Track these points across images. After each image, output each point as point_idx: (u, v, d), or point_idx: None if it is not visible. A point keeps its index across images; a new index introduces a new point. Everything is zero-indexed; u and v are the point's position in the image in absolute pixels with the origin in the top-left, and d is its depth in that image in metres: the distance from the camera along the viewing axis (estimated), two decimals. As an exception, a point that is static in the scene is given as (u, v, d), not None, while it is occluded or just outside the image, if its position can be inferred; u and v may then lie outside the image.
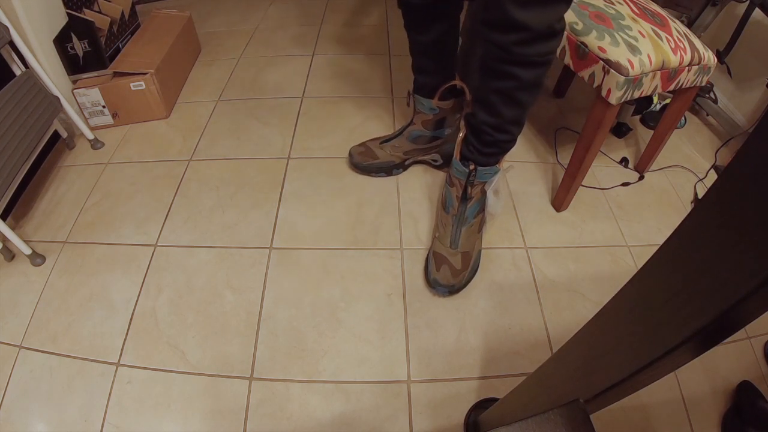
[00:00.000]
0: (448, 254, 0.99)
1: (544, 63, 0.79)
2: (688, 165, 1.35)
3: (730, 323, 0.28)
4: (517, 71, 0.79)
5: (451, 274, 0.97)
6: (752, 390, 0.87)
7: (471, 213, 1.00)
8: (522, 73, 0.79)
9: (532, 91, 0.85)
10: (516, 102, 0.85)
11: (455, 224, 1.00)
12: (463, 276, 0.98)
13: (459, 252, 0.99)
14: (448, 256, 0.99)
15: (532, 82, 0.82)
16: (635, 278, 0.36)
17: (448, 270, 0.97)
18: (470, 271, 0.99)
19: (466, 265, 0.98)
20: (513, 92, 0.83)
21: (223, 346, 0.90)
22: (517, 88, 0.82)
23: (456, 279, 0.97)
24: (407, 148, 1.19)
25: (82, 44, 1.30)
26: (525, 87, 0.82)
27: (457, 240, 1.00)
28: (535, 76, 0.81)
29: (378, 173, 1.22)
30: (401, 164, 1.22)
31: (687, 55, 0.93)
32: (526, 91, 0.84)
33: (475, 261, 1.02)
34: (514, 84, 0.81)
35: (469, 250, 1.00)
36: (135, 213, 1.15)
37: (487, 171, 0.95)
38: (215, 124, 1.40)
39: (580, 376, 0.46)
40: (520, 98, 0.84)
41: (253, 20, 1.93)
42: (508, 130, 0.90)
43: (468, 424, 0.81)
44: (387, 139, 1.21)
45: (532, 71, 0.79)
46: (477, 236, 1.02)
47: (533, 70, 0.79)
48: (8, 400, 0.84)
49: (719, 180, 0.27)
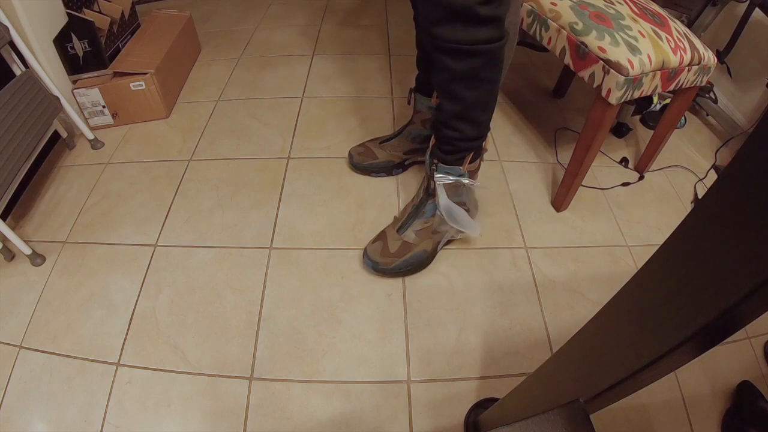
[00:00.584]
0: (390, 236, 0.99)
1: (474, 53, 0.73)
2: (688, 165, 1.35)
3: (730, 323, 0.28)
4: (446, 60, 0.75)
5: (380, 252, 0.97)
6: (752, 390, 0.87)
7: (429, 210, 0.97)
8: (450, 63, 0.75)
9: (471, 85, 0.79)
10: (452, 96, 0.80)
11: (411, 213, 1.00)
12: (391, 261, 0.97)
13: (401, 239, 0.98)
14: (389, 236, 0.99)
15: (465, 73, 0.76)
16: (635, 278, 0.36)
17: (380, 247, 0.98)
18: (403, 262, 0.97)
19: (400, 254, 0.97)
20: (447, 84, 0.79)
21: (223, 346, 0.90)
22: (449, 80, 0.78)
23: (382, 259, 0.97)
24: (407, 147, 1.19)
25: (82, 44, 1.30)
26: (457, 79, 0.77)
27: (405, 227, 0.99)
28: (465, 68, 0.75)
29: (378, 173, 1.22)
30: (401, 164, 1.21)
31: (687, 55, 0.93)
32: (461, 84, 0.78)
33: (414, 258, 0.98)
34: (447, 75, 0.77)
35: (412, 243, 0.98)
36: (135, 213, 1.15)
37: (448, 170, 0.91)
38: (215, 124, 1.40)
39: (580, 376, 0.46)
40: (456, 92, 0.79)
41: (253, 20, 1.93)
42: (453, 127, 0.85)
43: (468, 424, 0.81)
44: (387, 138, 1.21)
45: (459, 61, 0.74)
46: (429, 237, 0.99)
47: (461, 60, 0.74)
48: (8, 400, 0.84)
49: (719, 180, 0.27)
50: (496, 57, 0.76)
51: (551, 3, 1.01)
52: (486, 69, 0.77)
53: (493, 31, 0.72)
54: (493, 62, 0.77)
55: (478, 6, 0.67)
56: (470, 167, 0.92)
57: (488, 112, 0.87)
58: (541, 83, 1.61)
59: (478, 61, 0.75)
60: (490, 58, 0.76)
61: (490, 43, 0.73)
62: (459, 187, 0.93)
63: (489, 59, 0.75)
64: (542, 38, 1.05)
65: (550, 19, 1.01)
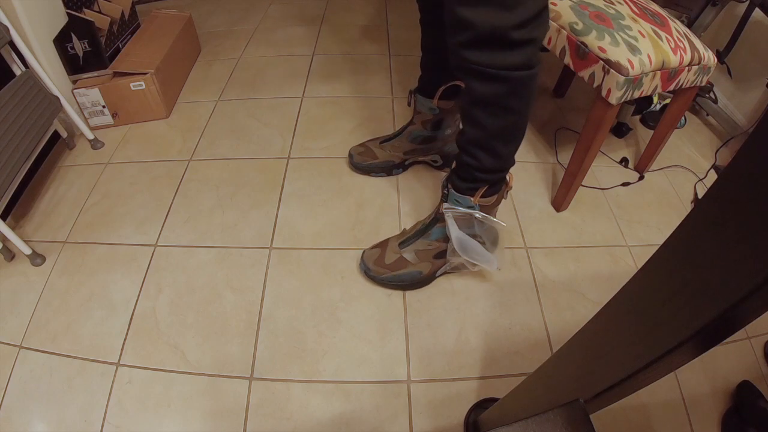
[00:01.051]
0: (390, 248, 0.97)
1: (502, 78, 0.68)
2: (688, 165, 1.35)
3: (730, 323, 0.28)
4: (470, 81, 0.71)
5: (374, 260, 0.96)
6: (752, 390, 0.87)
7: (435, 233, 0.94)
8: (475, 85, 0.71)
9: (494, 112, 0.74)
10: (473, 120, 0.77)
11: (417, 231, 0.97)
12: (382, 272, 0.95)
13: (399, 253, 0.96)
14: (389, 248, 0.97)
15: (489, 99, 0.72)
16: (635, 278, 0.36)
17: (377, 254, 0.97)
18: (393, 276, 0.95)
19: (393, 268, 0.95)
20: (469, 108, 0.76)
21: (223, 346, 0.90)
22: (472, 104, 0.75)
23: (375, 267, 0.96)
24: (407, 148, 1.18)
25: (82, 44, 1.30)
26: (480, 104, 0.73)
27: (407, 243, 0.96)
28: (490, 93, 0.71)
29: (378, 173, 1.22)
30: (401, 164, 1.21)
31: (687, 55, 0.93)
32: (484, 110, 0.74)
33: (407, 276, 0.95)
34: (470, 98, 0.74)
35: (408, 261, 0.95)
36: (135, 213, 1.15)
37: (458, 198, 0.87)
38: (215, 124, 1.40)
39: (580, 376, 0.46)
40: (477, 117, 0.76)
41: (253, 20, 1.93)
42: (470, 153, 0.81)
43: (468, 424, 0.81)
44: (387, 138, 1.21)
45: (485, 85, 0.70)
46: (429, 261, 0.95)
47: (487, 84, 0.69)
48: (8, 400, 0.84)
49: (719, 180, 0.27)
50: (526, 86, 0.72)
51: (551, 3, 1.01)
52: (512, 97, 0.72)
53: (526, 57, 0.67)
54: (521, 91, 0.72)
55: (512, 30, 0.62)
56: (483, 201, 0.86)
57: (511, 145, 0.82)
58: (541, 83, 1.61)
59: (504, 87, 0.70)
60: (518, 86, 0.71)
61: (521, 69, 0.68)
62: (470, 220, 0.88)
63: (517, 87, 0.71)
64: (542, 38, 1.05)
65: (550, 19, 1.01)
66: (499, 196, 0.90)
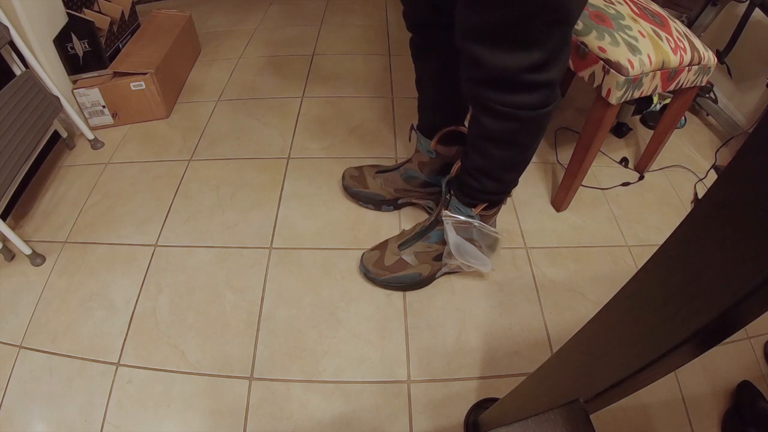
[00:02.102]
0: (390, 249, 0.97)
1: (514, 117, 0.66)
2: (688, 165, 1.35)
3: (730, 323, 0.28)
4: (481, 116, 0.70)
5: (374, 261, 0.96)
6: (752, 390, 0.87)
7: (434, 236, 0.93)
8: (486, 121, 0.69)
9: (503, 146, 0.73)
10: (480, 151, 0.76)
11: (417, 233, 0.96)
12: (382, 274, 0.95)
13: (399, 255, 0.95)
14: (388, 249, 0.97)
15: (499, 135, 0.71)
16: (635, 278, 0.36)
17: (377, 256, 0.97)
18: (393, 278, 0.95)
19: (393, 270, 0.95)
20: (477, 139, 0.75)
21: (223, 346, 0.90)
22: (481, 137, 0.74)
23: (374, 269, 0.96)
24: (399, 186, 1.09)
25: (82, 44, 1.30)
26: (489, 138, 0.73)
27: (407, 245, 0.95)
28: (501, 129, 0.69)
29: (366, 204, 1.14)
30: (392, 201, 1.12)
31: (687, 55, 0.93)
32: (493, 143, 0.73)
33: (406, 278, 0.95)
34: (480, 131, 0.73)
35: (408, 263, 0.95)
36: (135, 213, 1.15)
37: (459, 206, 0.87)
38: (215, 124, 1.40)
39: (580, 376, 0.46)
40: (485, 149, 0.75)
41: (253, 20, 1.93)
42: (475, 177, 0.81)
43: (468, 424, 0.81)
44: (383, 170, 1.13)
45: (496, 122, 0.68)
46: (429, 262, 0.95)
47: (498, 121, 0.68)
48: (8, 400, 0.84)
49: (719, 180, 0.27)
50: (539, 124, 0.70)
51: (551, 3, 1.01)
52: (524, 134, 0.71)
53: (542, 98, 0.64)
54: (533, 128, 0.71)
55: (525, 73, 0.60)
56: (483, 213, 0.87)
57: (515, 172, 0.82)
58: (541, 83, 1.61)
59: (517, 125, 0.68)
60: (532, 125, 0.69)
61: (535, 109, 0.66)
62: (469, 228, 0.88)
63: (530, 125, 0.69)
64: (542, 38, 1.05)
65: (550, 19, 1.00)
66: (498, 208, 0.90)
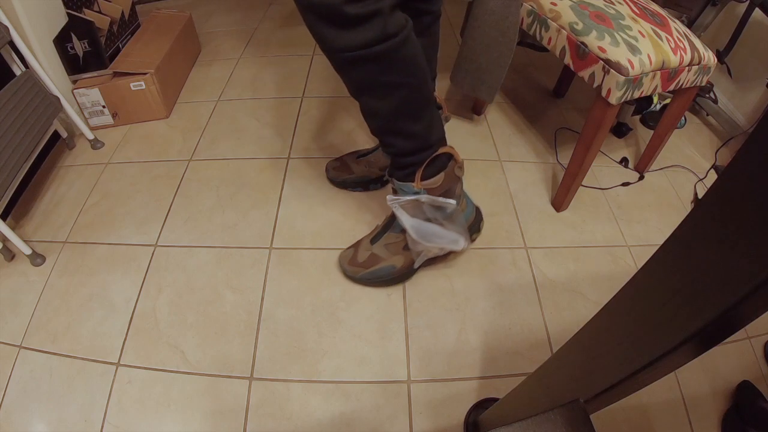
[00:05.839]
0: (363, 245, 0.98)
1: (361, 59, 0.64)
2: (688, 165, 1.35)
3: (730, 323, 0.28)
4: (341, 72, 0.69)
5: (348, 259, 0.98)
6: (752, 390, 0.87)
7: (398, 225, 0.92)
8: (342, 74, 0.69)
9: (377, 94, 0.70)
10: (365, 109, 0.75)
11: (384, 225, 0.98)
12: (358, 271, 0.96)
13: (371, 250, 0.97)
14: (361, 245, 0.98)
15: (362, 83, 0.69)
16: (635, 278, 0.36)
17: (350, 254, 0.98)
18: (368, 273, 0.96)
19: (366, 266, 0.96)
20: (355, 96, 0.74)
21: (223, 346, 0.90)
22: (353, 92, 0.73)
23: (350, 267, 0.97)
24: (383, 163, 1.13)
25: (82, 44, 1.30)
26: (358, 89, 0.71)
27: (377, 239, 0.97)
28: (359, 77, 0.68)
29: (354, 188, 1.18)
30: (378, 179, 1.17)
31: (687, 55, 0.93)
32: (366, 95, 0.72)
33: (382, 272, 0.95)
34: (348, 87, 0.72)
35: (380, 256, 0.95)
36: (135, 213, 1.15)
37: (402, 186, 0.84)
38: (215, 124, 1.40)
39: (580, 376, 0.46)
40: (367, 104, 0.74)
41: (253, 20, 1.93)
42: (384, 141, 0.80)
43: (468, 424, 0.81)
44: (364, 153, 1.17)
45: (350, 71, 0.67)
46: (400, 253, 0.94)
47: (350, 68, 0.67)
48: (8, 400, 0.84)
49: (719, 180, 0.27)
50: (394, 58, 0.65)
51: (551, 3, 1.01)
52: (387, 74, 0.67)
53: (371, 32, 0.61)
54: (392, 65, 0.66)
55: (345, 5, 0.58)
56: (427, 184, 0.82)
57: (420, 121, 0.75)
58: (541, 83, 1.61)
59: (372, 66, 0.65)
60: (385, 62, 0.65)
61: (372, 46, 0.63)
62: (419, 206, 0.84)
63: (386, 63, 0.65)
64: (542, 38, 1.05)
65: (550, 19, 1.01)
66: (446, 177, 0.83)
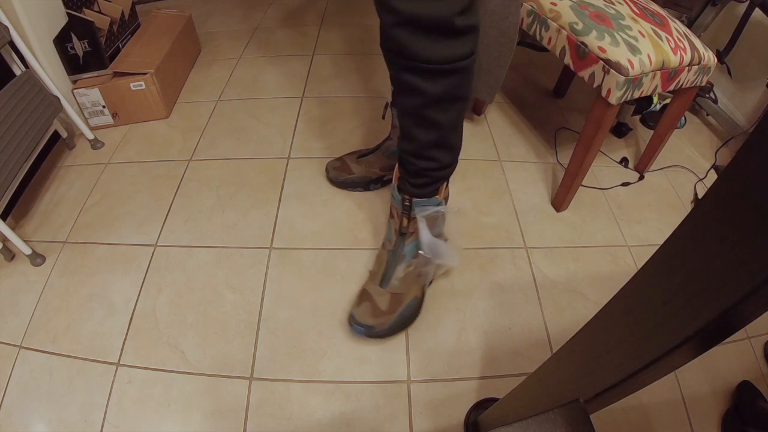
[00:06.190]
0: (374, 292, 0.88)
1: (452, 72, 0.65)
2: (688, 165, 1.35)
3: (730, 323, 0.28)
4: (418, 82, 0.66)
5: (370, 313, 0.86)
6: (752, 390, 0.87)
7: (409, 251, 0.88)
8: (425, 86, 0.66)
9: (446, 109, 0.70)
10: (427, 122, 0.72)
11: (390, 261, 0.89)
12: (387, 319, 0.86)
13: (388, 292, 0.88)
14: (373, 294, 0.88)
15: (441, 96, 0.68)
16: (635, 278, 0.36)
17: (369, 308, 0.86)
18: (398, 317, 0.87)
19: (393, 309, 0.87)
20: (420, 110, 0.70)
21: (223, 346, 0.90)
22: (423, 106, 0.69)
23: (376, 320, 0.86)
24: (384, 163, 1.13)
25: (82, 44, 1.30)
26: (432, 103, 0.69)
27: (388, 278, 0.88)
28: (442, 90, 0.67)
29: (355, 188, 1.17)
30: (379, 179, 1.16)
31: (687, 55, 0.93)
32: (437, 109, 0.70)
33: (409, 309, 0.89)
34: (421, 100, 0.68)
35: (401, 293, 0.88)
36: (135, 213, 1.15)
37: (424, 203, 0.82)
38: (215, 124, 1.40)
39: (580, 376, 0.46)
40: (432, 117, 0.71)
41: (253, 20, 1.93)
42: (429, 157, 0.76)
43: (468, 424, 0.81)
44: (364, 153, 1.16)
45: (435, 83, 0.66)
46: (416, 281, 0.90)
47: (436, 81, 0.66)
48: (8, 400, 0.84)
49: (719, 180, 0.27)
50: (472, 72, 0.69)
51: (551, 3, 1.01)
52: (462, 87, 0.69)
53: (471, 45, 0.64)
54: (469, 78, 0.69)
55: (457, 17, 0.59)
56: (445, 193, 0.84)
57: (461, 133, 0.79)
58: (541, 83, 1.61)
59: (455, 79, 0.67)
60: (467, 75, 0.68)
61: (467, 58, 0.65)
62: (437, 219, 0.84)
63: (465, 76, 0.68)
64: (542, 38, 1.05)
65: (550, 19, 1.01)
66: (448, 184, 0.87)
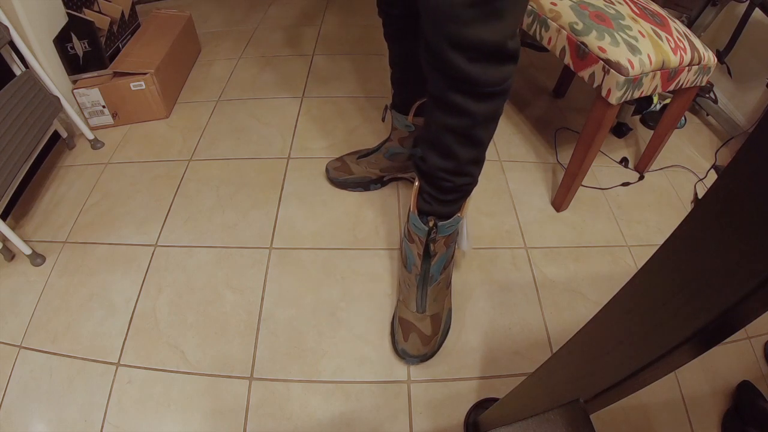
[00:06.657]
0: (415, 320, 0.88)
1: (501, 93, 0.67)
2: (688, 165, 1.35)
3: (730, 323, 0.28)
4: (470, 104, 0.67)
5: (421, 342, 0.87)
6: (752, 390, 0.87)
7: (437, 270, 0.89)
8: (475, 107, 0.67)
9: (490, 127, 0.73)
10: (472, 141, 0.73)
11: (420, 285, 0.89)
12: (435, 341, 0.88)
13: (428, 316, 0.88)
14: (415, 322, 0.88)
15: (488, 116, 0.70)
16: (635, 278, 0.36)
17: (418, 338, 0.87)
18: (442, 334, 0.90)
19: (437, 329, 0.89)
20: (468, 130, 0.71)
21: (223, 346, 0.90)
22: (472, 126, 0.70)
23: (428, 347, 0.87)
24: (384, 165, 1.13)
25: (82, 44, 1.30)
26: (480, 122, 0.70)
27: (423, 303, 0.89)
28: (490, 110, 0.69)
29: (355, 188, 1.18)
30: (379, 180, 1.17)
31: (687, 55, 0.93)
32: (483, 128, 0.72)
33: (446, 321, 0.92)
34: (469, 121, 0.69)
35: (438, 312, 0.89)
36: (135, 213, 1.15)
37: (449, 224, 0.84)
38: (215, 124, 1.40)
39: (580, 376, 0.46)
40: (478, 136, 0.73)
41: (253, 20, 1.93)
42: (467, 173, 0.79)
43: (468, 424, 0.81)
44: (364, 154, 1.17)
45: (484, 104, 0.68)
46: (446, 293, 0.92)
47: (486, 102, 0.68)
48: (8, 400, 0.84)
49: (719, 180, 0.27)
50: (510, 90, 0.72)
51: (551, 3, 1.01)
52: (503, 105, 0.72)
53: (515, 65, 0.66)
54: (507, 96, 0.72)
55: (510, 40, 0.61)
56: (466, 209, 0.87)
57: None
58: (541, 83, 1.61)
59: (502, 99, 0.69)
60: (508, 94, 0.71)
61: (511, 78, 0.68)
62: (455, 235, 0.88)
63: (507, 95, 0.70)
64: (542, 38, 1.05)
65: (550, 19, 1.01)
66: None
